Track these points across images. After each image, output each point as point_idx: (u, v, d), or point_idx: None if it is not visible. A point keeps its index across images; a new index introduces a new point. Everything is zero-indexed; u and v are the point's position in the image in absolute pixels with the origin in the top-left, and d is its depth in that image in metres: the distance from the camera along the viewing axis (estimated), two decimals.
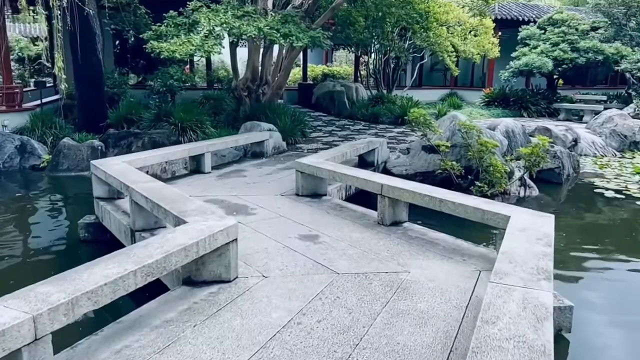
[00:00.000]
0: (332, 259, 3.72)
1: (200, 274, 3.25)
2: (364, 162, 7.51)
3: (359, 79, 18.13)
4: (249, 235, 4.26)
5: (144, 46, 8.35)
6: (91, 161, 5.46)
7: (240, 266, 3.49)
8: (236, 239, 3.31)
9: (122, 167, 5.07)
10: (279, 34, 7.93)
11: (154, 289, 3.18)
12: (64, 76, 7.91)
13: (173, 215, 3.50)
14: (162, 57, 7.68)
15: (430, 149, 7.73)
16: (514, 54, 16.50)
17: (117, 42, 15.75)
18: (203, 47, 7.52)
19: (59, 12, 7.86)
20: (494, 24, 14.94)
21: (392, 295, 3.11)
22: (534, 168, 7.34)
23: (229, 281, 3.27)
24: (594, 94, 18.10)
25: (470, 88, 20.83)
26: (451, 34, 13.76)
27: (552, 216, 3.53)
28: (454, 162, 7.10)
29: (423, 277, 3.39)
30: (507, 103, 16.89)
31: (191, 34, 7.73)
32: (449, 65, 16.04)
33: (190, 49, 7.49)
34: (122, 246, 4.71)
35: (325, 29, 10.74)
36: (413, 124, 7.18)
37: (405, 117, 13.45)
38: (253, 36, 7.79)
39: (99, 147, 9.55)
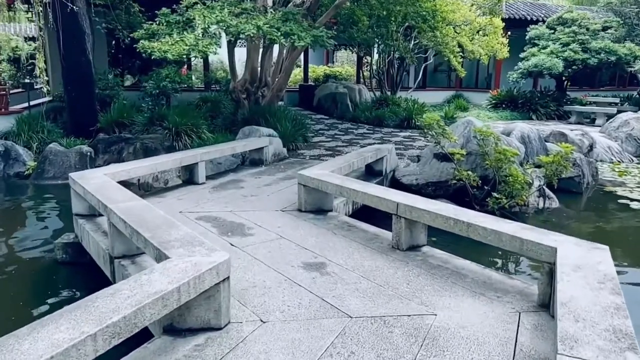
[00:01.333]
0: (342, 295, 3.15)
1: (185, 320, 2.68)
2: (371, 170, 6.94)
3: (362, 80, 17.56)
4: (245, 263, 3.69)
5: (134, 45, 7.79)
6: (70, 174, 4.89)
7: (233, 306, 2.93)
8: (228, 277, 2.73)
9: (102, 182, 4.49)
10: (279, 33, 7.36)
11: None
12: (46, 77, 7.37)
13: (153, 246, 2.92)
14: (152, 57, 7.12)
15: (443, 157, 7.16)
16: (522, 55, 15.94)
17: (113, 42, 15.18)
18: (197, 47, 6.96)
19: (41, 8, 7.28)
20: (503, 23, 14.34)
21: (419, 349, 2.53)
22: (555, 178, 6.78)
23: (219, 328, 2.70)
24: (604, 96, 17.55)
25: (475, 89, 20.26)
26: (458, 33, 13.18)
27: (607, 248, 2.95)
28: (469, 172, 6.53)
29: (453, 322, 2.82)
30: (515, 105, 16.33)
31: (185, 32, 7.16)
32: (456, 66, 15.48)
33: (184, 49, 6.92)
34: (102, 272, 4.15)
35: (328, 28, 10.18)
36: (426, 130, 6.61)
37: (412, 120, 12.99)
38: (252, 35, 7.22)
39: (88, 153, 8.99)
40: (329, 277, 3.44)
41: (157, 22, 7.61)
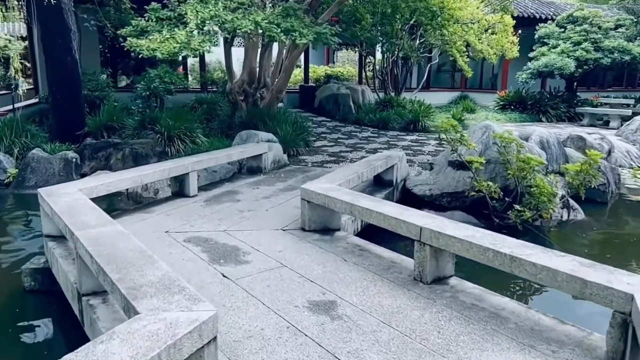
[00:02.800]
0: (359, 350, 2.52)
1: None
2: (380, 180, 6.31)
3: (365, 81, 16.94)
4: (239, 302, 3.06)
5: (122, 44, 7.16)
6: (39, 190, 4.25)
7: None
8: (215, 337, 2.11)
9: (73, 200, 3.86)
10: (279, 29, 6.73)
11: None
12: (21, 78, 6.70)
13: (121, 294, 2.30)
14: (141, 56, 6.49)
15: (459, 165, 6.54)
16: (531, 54, 15.32)
17: (106, 40, 14.53)
18: (189, 45, 6.33)
19: (18, 2, 6.65)
20: (514, 21, 13.72)
21: None
22: (582, 188, 6.16)
23: None
24: (614, 97, 16.95)
25: (481, 90, 19.65)
26: (465, 31, 12.57)
27: None
28: (489, 183, 5.90)
29: None
30: (524, 107, 15.71)
31: (176, 29, 6.54)
32: (462, 66, 14.88)
33: (174, 47, 6.30)
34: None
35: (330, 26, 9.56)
36: (442, 137, 5.98)
37: (418, 123, 12.37)
38: (249, 32, 6.60)
39: (74, 160, 8.35)
40: (342, 322, 2.82)
41: (146, 18, 6.99)
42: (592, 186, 6.48)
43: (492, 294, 3.21)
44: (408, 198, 6.70)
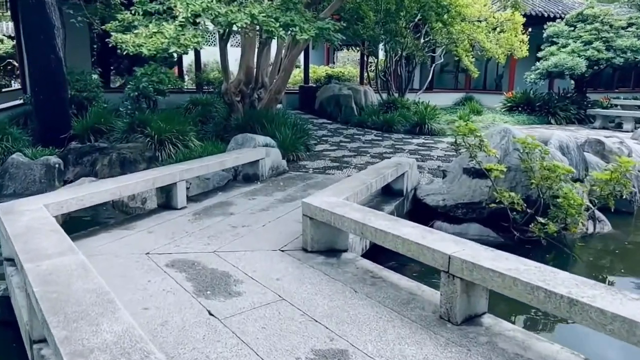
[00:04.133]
0: None
1: None
2: (389, 190, 5.72)
3: (368, 81, 16.36)
4: (226, 352, 2.46)
5: (107, 40, 6.58)
6: None
7: None
8: None
9: (34, 219, 3.26)
10: (278, 24, 6.15)
11: None
12: None
13: None
14: (125, 53, 5.91)
15: (475, 173, 5.95)
16: (540, 54, 14.74)
17: (97, 38, 13.93)
18: (179, 40, 5.74)
19: None
20: (524, 19, 13.13)
21: None
22: (611, 199, 5.58)
23: None
24: (624, 98, 16.38)
25: (486, 91, 19.08)
26: (473, 30, 11.99)
27: None
28: (512, 194, 5.31)
29: None
30: (532, 108, 15.12)
31: (164, 23, 5.95)
32: (468, 66, 14.33)
33: (162, 43, 5.71)
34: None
35: None
36: (458, 142, 5.39)
37: (424, 125, 11.78)
38: (244, 26, 6.02)
39: (56, 165, 7.76)
40: None
41: (133, 12, 6.41)
42: (622, 196, 5.91)
43: (537, 339, 2.62)
44: (419, 209, 6.12)
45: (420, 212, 6.12)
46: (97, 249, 3.93)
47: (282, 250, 3.92)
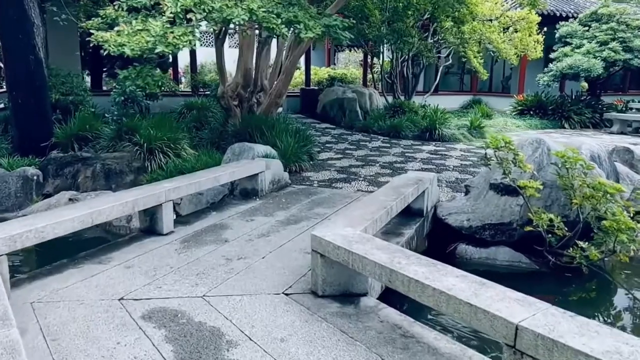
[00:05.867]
0: None
1: None
2: (407, 209, 4.98)
3: (372, 83, 15.65)
4: None
5: (87, 39, 5.86)
6: None
7: None
8: None
9: None
10: (280, 21, 5.43)
11: None
12: None
13: None
14: (105, 53, 5.19)
15: (504, 189, 5.23)
16: (553, 55, 14.05)
17: (87, 38, 13.21)
18: (167, 39, 5.01)
19: None
20: (540, 18, 12.42)
21: None
22: None
23: None
24: (639, 101, 15.69)
25: (494, 94, 18.38)
26: (487, 29, 11.29)
27: None
28: (551, 216, 4.59)
29: None
30: (545, 112, 14.42)
31: (150, 19, 5.23)
32: (477, 67, 13.64)
33: (148, 42, 4.98)
34: None
35: None
36: (490, 158, 4.66)
37: (435, 131, 11.06)
38: (242, 23, 5.29)
39: (35, 177, 7.04)
40: None
41: (117, 7, 5.68)
42: None
43: None
44: (439, 229, 5.40)
45: (440, 233, 5.41)
46: (60, 292, 3.20)
47: (287, 294, 3.20)
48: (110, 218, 3.87)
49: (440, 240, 5.40)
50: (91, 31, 5.52)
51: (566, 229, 4.69)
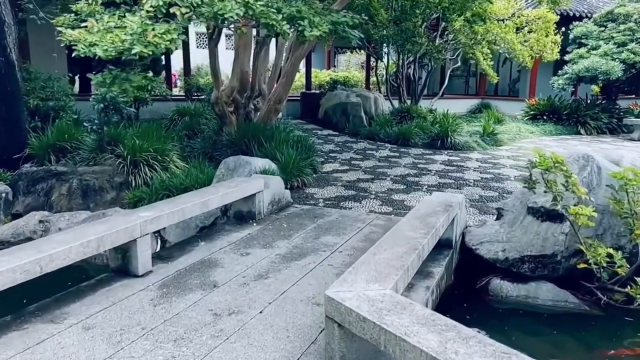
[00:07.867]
0: None
1: None
2: None
3: (377, 86, 14.86)
4: None
5: (57, 38, 5.06)
6: None
7: None
8: None
9: None
10: (280, 16, 4.64)
11: None
12: None
13: None
14: (75, 55, 4.38)
15: (545, 214, 4.43)
16: (568, 57, 13.28)
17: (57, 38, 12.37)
18: (146, 37, 4.21)
19: None
20: (557, 17, 11.66)
21: None
22: None
23: None
24: None
25: (503, 97, 17.64)
26: (502, 29, 10.52)
27: None
28: (610, 250, 3.81)
29: None
30: (559, 117, 13.64)
31: (127, 15, 4.43)
32: (486, 70, 12.91)
33: (123, 41, 4.19)
34: None
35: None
36: (536, 181, 3.87)
37: (447, 139, 10.25)
38: (236, 18, 4.50)
39: (3, 195, 6.25)
40: None
41: (91, 1, 4.89)
42: None
43: None
44: (469, 261, 4.61)
45: (469, 264, 4.62)
46: None
47: None
48: (67, 263, 3.05)
49: (468, 272, 4.61)
50: (60, 29, 4.73)
51: (628, 265, 3.91)
